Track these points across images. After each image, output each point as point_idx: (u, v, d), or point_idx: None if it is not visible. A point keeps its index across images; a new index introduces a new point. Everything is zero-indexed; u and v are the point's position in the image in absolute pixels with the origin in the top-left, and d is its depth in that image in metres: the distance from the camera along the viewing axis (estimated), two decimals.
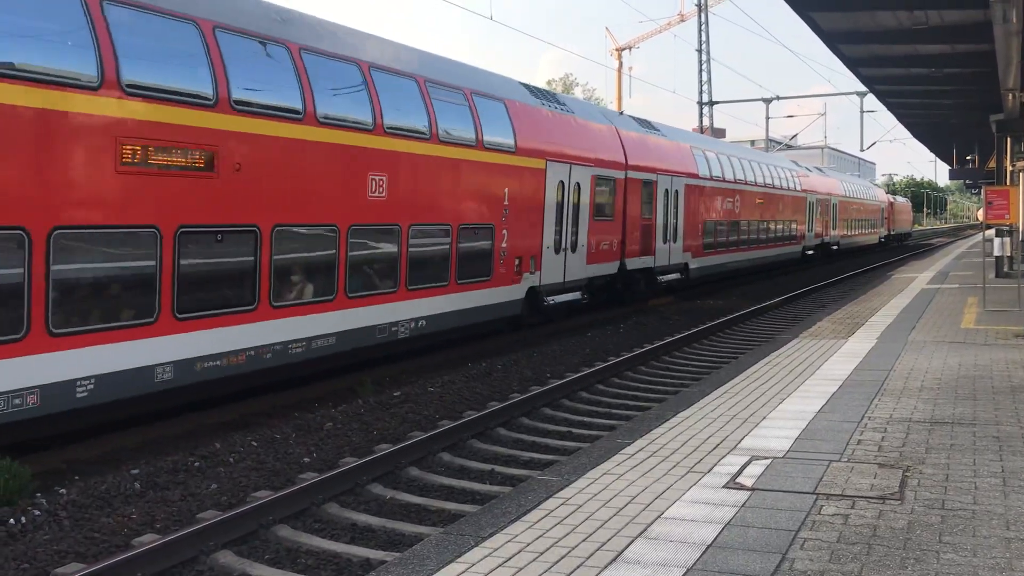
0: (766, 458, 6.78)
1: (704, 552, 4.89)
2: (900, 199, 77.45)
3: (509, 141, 16.44)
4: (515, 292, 16.70)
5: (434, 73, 14.77)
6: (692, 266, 25.75)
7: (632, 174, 21.44)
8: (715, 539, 5.09)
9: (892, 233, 66.91)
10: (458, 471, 9.45)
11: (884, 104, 32.47)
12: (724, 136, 56.28)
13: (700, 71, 57.77)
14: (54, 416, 8.77)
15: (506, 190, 16.24)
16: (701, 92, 57.56)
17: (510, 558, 4.86)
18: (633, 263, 21.72)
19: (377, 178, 12.84)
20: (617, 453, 7.03)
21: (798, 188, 37.48)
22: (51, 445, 9.48)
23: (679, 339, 17.54)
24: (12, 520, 7.48)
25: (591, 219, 19.39)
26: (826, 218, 42.40)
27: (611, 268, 20.76)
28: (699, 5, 58.72)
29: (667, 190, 23.58)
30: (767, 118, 58.38)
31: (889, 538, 5.09)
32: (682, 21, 75.03)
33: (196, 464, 9.26)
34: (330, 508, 8.07)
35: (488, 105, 16.00)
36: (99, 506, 8.05)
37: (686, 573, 4.60)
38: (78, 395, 8.82)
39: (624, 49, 75.43)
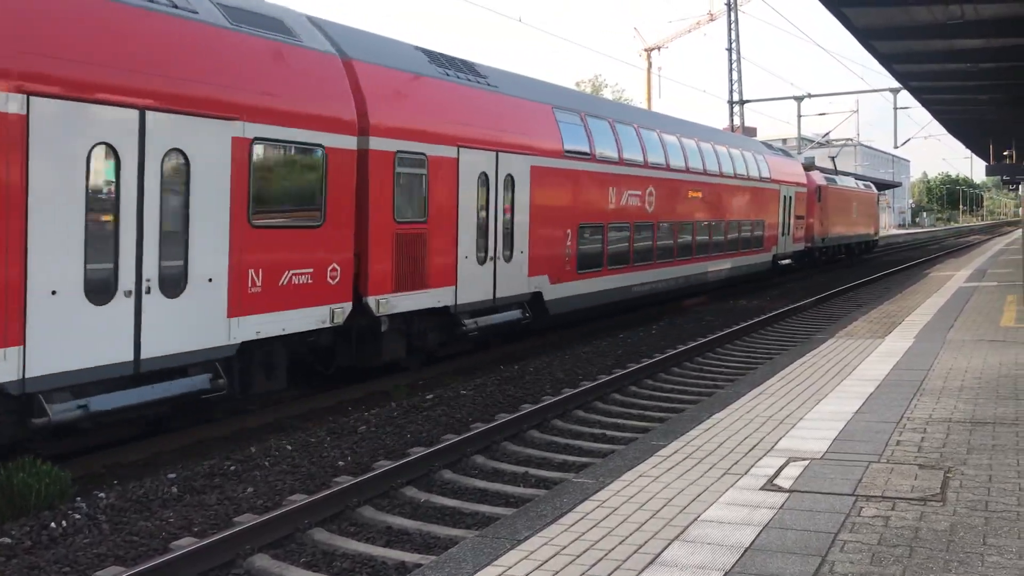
0: (804, 459, 6.71)
1: (742, 555, 4.84)
2: (847, 181, 42.99)
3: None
4: None
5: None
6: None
7: None
8: (753, 541, 5.03)
9: (820, 246, 36.70)
10: (492, 474, 9.44)
11: (918, 100, 31.92)
12: (755, 135, 55.07)
13: (730, 70, 57.35)
14: None
15: None
16: (731, 91, 57.14)
17: (546, 561, 4.84)
18: None
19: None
20: (652, 455, 6.99)
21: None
22: (90, 450, 9.60)
23: (712, 340, 17.42)
24: (53, 524, 7.58)
25: None
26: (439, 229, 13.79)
27: None
28: (729, 4, 58.28)
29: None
30: (799, 116, 57.47)
31: (932, 540, 5.01)
32: (712, 20, 74.37)
33: (232, 468, 9.33)
34: (365, 511, 8.10)
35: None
36: (137, 510, 8.13)
37: None
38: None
39: (653, 49, 75.03)
